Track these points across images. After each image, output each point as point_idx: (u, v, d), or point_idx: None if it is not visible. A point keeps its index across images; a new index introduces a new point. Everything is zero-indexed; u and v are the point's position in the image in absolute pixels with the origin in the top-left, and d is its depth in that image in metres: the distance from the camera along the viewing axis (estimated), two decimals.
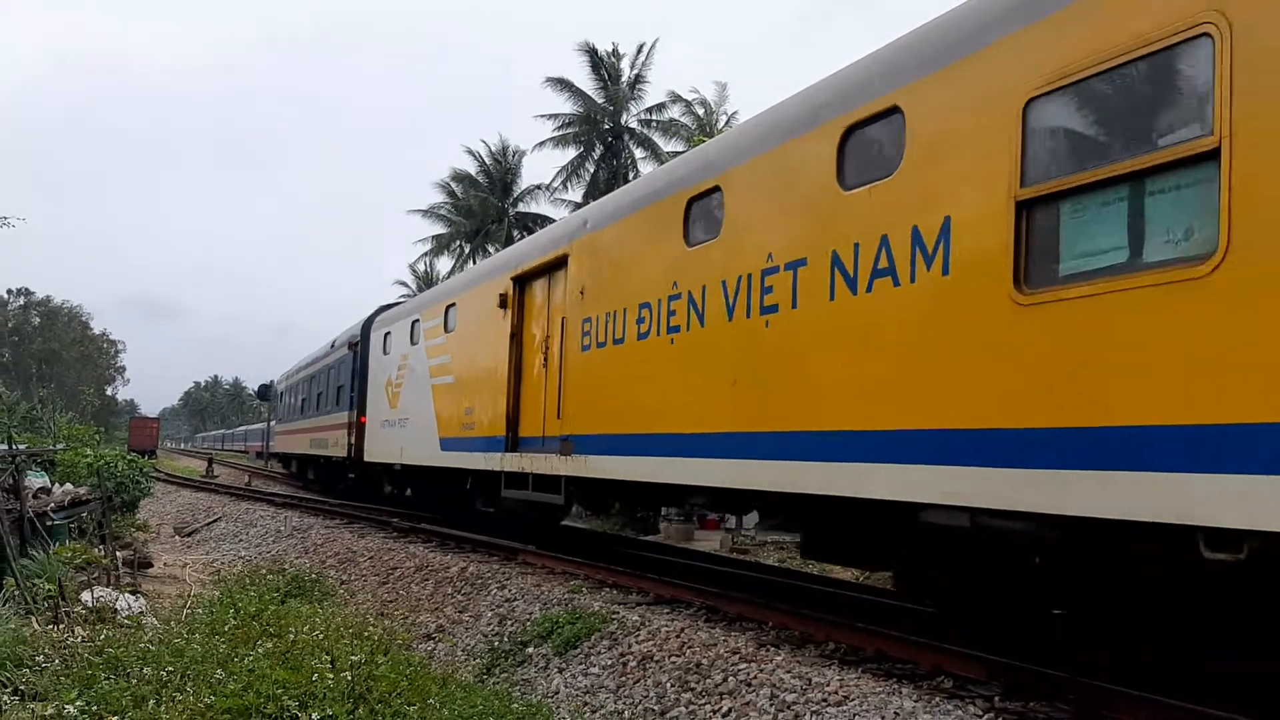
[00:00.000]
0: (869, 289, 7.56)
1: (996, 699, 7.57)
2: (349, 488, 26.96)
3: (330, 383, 27.89)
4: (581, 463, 11.89)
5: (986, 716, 7.00)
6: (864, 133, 7.95)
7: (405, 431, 19.37)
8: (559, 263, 13.16)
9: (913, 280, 7.14)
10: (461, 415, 16.20)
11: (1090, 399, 5.75)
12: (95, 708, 6.32)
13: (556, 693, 9.24)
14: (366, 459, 22.52)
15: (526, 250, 14.82)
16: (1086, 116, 6.20)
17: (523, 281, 14.35)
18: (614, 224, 11.96)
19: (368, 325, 24.01)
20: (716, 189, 9.77)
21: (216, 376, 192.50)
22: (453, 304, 17.27)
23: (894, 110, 7.55)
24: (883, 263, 7.44)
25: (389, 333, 21.37)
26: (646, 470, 10.56)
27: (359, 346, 24.25)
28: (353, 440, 24.20)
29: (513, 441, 14.19)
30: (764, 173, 9.08)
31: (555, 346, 13.05)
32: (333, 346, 28.44)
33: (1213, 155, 5.22)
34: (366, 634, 7.97)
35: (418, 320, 19.20)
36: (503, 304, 14.67)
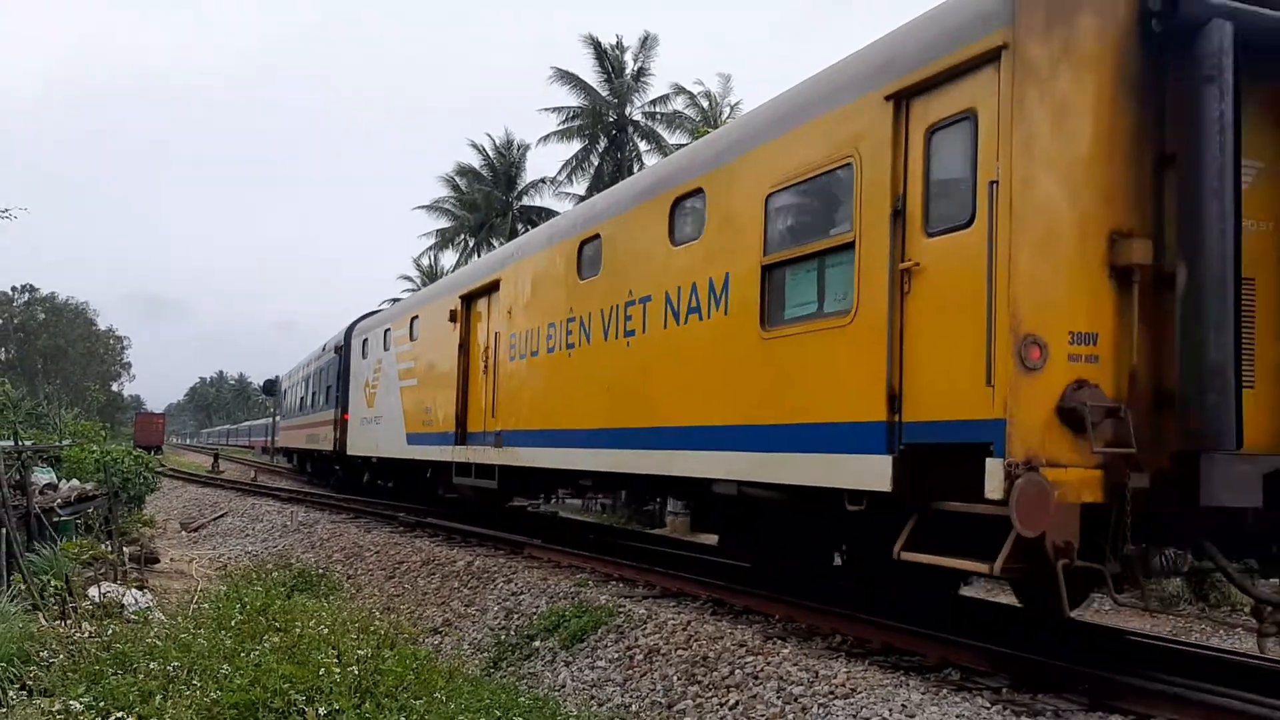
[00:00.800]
0: (685, 321, 10.06)
1: (1004, 690, 7.55)
2: (339, 479, 28.78)
3: (322, 383, 30.04)
4: (510, 454, 14.34)
5: (995, 708, 6.99)
6: (685, 204, 10.39)
7: (380, 428, 21.55)
8: (494, 286, 15.50)
9: (709, 317, 9.62)
10: (423, 413, 18.38)
11: (794, 405, 8.30)
12: (102, 703, 6.33)
13: (563, 686, 9.24)
14: (349, 452, 24.55)
15: (471, 273, 17.51)
16: (797, 210, 8.77)
17: (469, 300, 16.69)
18: (532, 257, 14.37)
19: (349, 331, 26.05)
20: (597, 235, 12.10)
21: (222, 372, 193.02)
22: (416, 316, 19.61)
23: (700, 190, 10.02)
24: (694, 303, 9.91)
25: (366, 339, 23.71)
26: (552, 459, 13.00)
27: (342, 350, 26.38)
28: (338, 435, 26.30)
29: (461, 436, 16.38)
30: (627, 226, 11.47)
31: (491, 356, 15.38)
32: (324, 350, 30.55)
33: (852, 245, 7.71)
34: (373, 628, 7.97)
35: (389, 329, 21.49)
36: (453, 318, 16.98)
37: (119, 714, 6.04)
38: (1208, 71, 6.44)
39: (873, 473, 7.39)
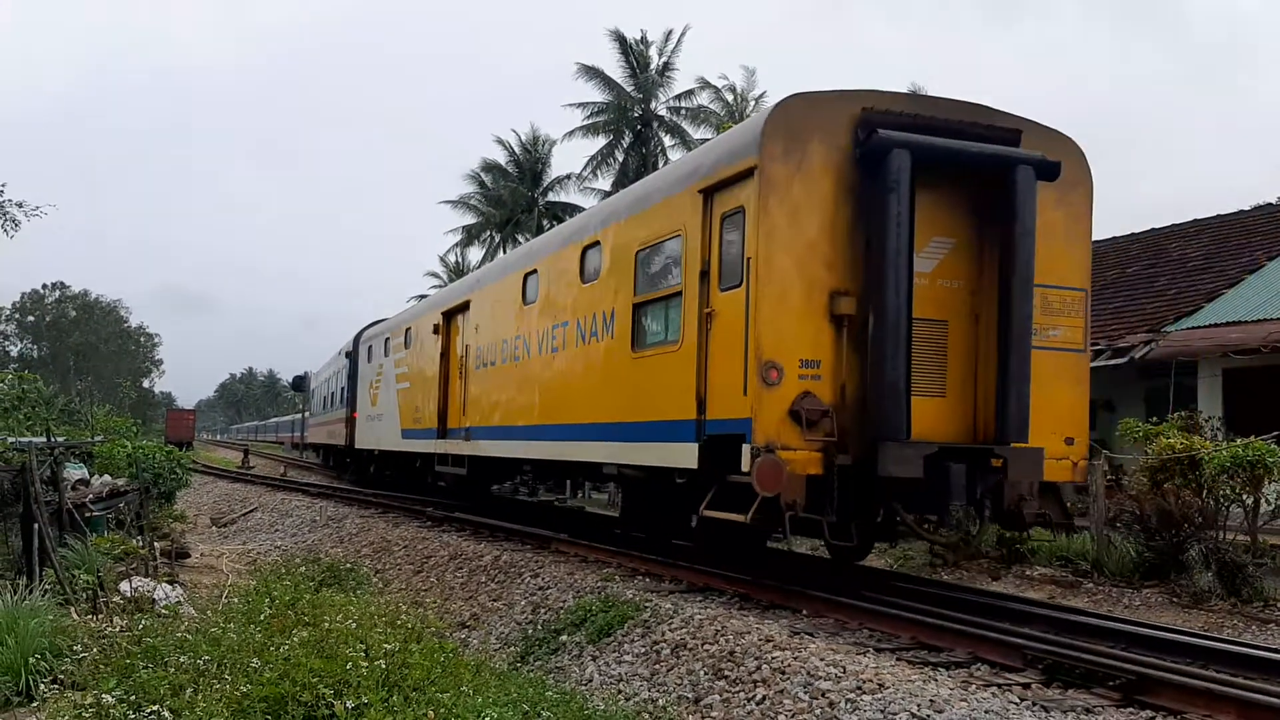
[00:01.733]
0: (589, 342, 12.85)
1: (1034, 686, 7.51)
2: (351, 469, 32.16)
3: (337, 384, 32.67)
4: (475, 446, 17.26)
5: (1024, 704, 6.94)
6: (589, 252, 13.21)
7: (381, 424, 24.52)
8: (466, 305, 18.48)
9: (603, 340, 12.43)
10: (414, 411, 21.22)
11: (648, 407, 11.11)
12: (133, 696, 6.37)
13: (590, 680, 9.25)
14: (357, 446, 27.89)
15: (451, 293, 20.80)
16: (653, 265, 11.47)
17: (448, 316, 19.50)
18: (492, 284, 17.25)
19: (357, 339, 28.83)
20: (535, 270, 15.09)
21: (251, 369, 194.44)
22: (409, 327, 22.48)
23: (598, 242, 12.87)
24: (594, 328, 12.71)
25: (370, 346, 26.64)
26: (503, 450, 16.04)
27: (351, 355, 29.21)
28: (348, 431, 29.12)
29: (442, 431, 19.24)
30: (556, 264, 14.38)
31: (463, 364, 18.23)
32: (339, 354, 33.28)
33: (680, 294, 10.54)
34: (400, 622, 7.99)
35: (389, 338, 24.42)
36: (436, 331, 19.86)
37: (152, 708, 6.08)
38: (890, 184, 9.14)
39: (687, 455, 10.21)
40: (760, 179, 9.32)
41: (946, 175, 9.74)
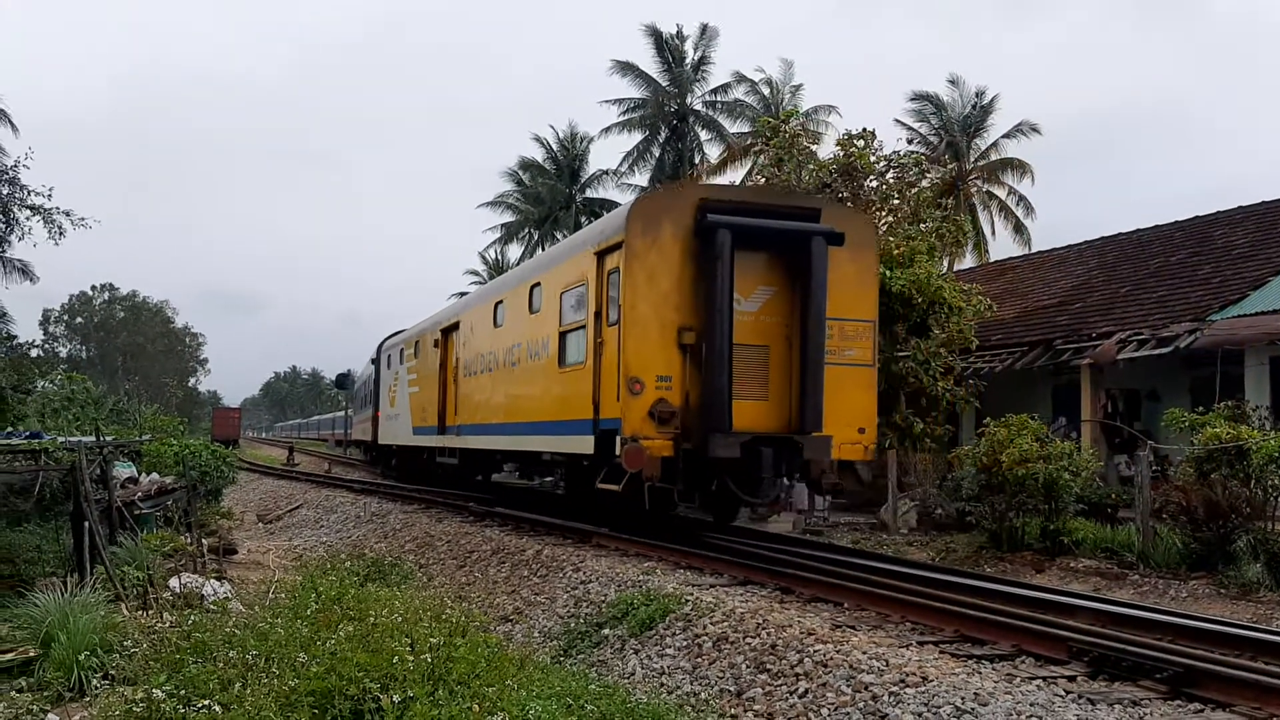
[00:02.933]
0: (534, 359, 16.24)
1: (1080, 679, 7.44)
2: (378, 463, 36.24)
3: (368, 387, 35.95)
4: (464, 440, 20.88)
5: (1070, 697, 6.89)
6: (534, 290, 16.48)
7: (396, 423, 27.89)
8: (457, 325, 22.00)
9: (542, 358, 15.82)
10: (422, 411, 24.50)
11: (568, 409, 14.37)
12: (183, 691, 6.47)
13: (632, 674, 9.28)
14: (380, 442, 31.76)
15: (448, 313, 23.86)
16: (570, 303, 14.64)
17: (446, 332, 22.83)
18: (475, 308, 21.00)
19: (380, 347, 32.25)
20: (502, 300, 18.54)
21: (295, 367, 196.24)
22: (418, 340, 25.84)
23: (539, 283, 16.28)
24: (536, 349, 16.19)
25: (390, 354, 29.93)
26: (483, 443, 19.66)
27: (376, 361, 32.70)
28: (374, 429, 32.74)
29: (441, 428, 22.56)
30: (513, 298, 17.83)
31: (456, 373, 21.63)
32: (369, 360, 36.58)
33: (584, 326, 13.70)
34: (445, 616, 8.05)
35: (403, 348, 27.74)
36: (437, 345, 23.25)
37: (202, 702, 6.18)
38: (717, 253, 12.49)
39: (588, 445, 13.68)
40: (627, 250, 12.89)
41: (765, 243, 13.08)
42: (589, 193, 54.72)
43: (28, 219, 16.33)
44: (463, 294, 50.09)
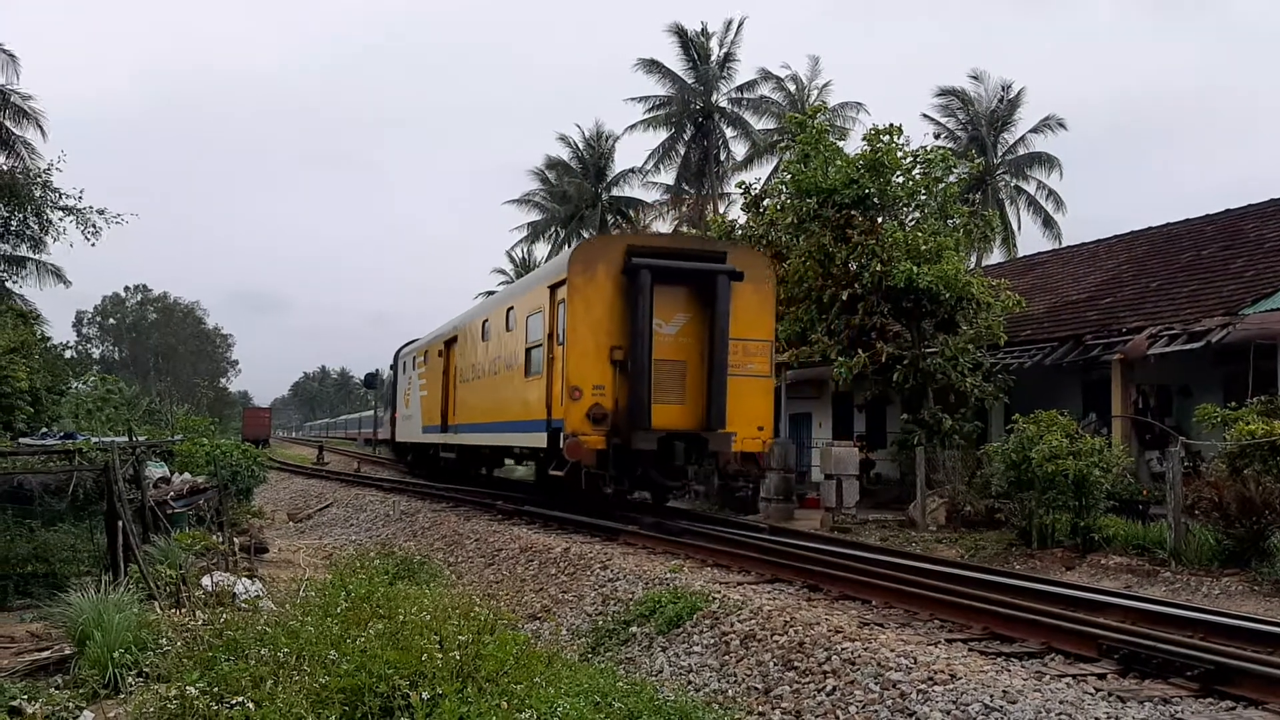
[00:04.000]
0: (509, 370, 19.16)
1: (1110, 676, 7.40)
2: (391, 457, 41.45)
3: (390, 389, 38.90)
4: (459, 436, 24.21)
5: (1100, 695, 6.85)
6: (510, 311, 19.48)
7: (410, 423, 31.05)
8: (455, 339, 25.12)
9: (515, 369, 18.71)
10: (429, 413, 27.56)
11: (531, 411, 17.40)
12: (216, 688, 6.54)
13: (660, 671, 9.30)
14: (397, 440, 35.19)
15: (448, 328, 26.45)
16: (533, 325, 17.67)
17: (448, 343, 25.71)
18: (468, 324, 23.89)
19: (397, 354, 35.43)
20: (487, 319, 21.77)
21: (324, 367, 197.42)
22: (426, 350, 28.86)
23: (513, 307, 19.26)
24: (510, 361, 19.18)
25: (404, 361, 33.17)
26: (473, 439, 22.95)
27: (394, 367, 35.97)
28: (392, 428, 36.08)
29: (444, 427, 25.48)
30: (495, 318, 20.94)
31: (455, 380, 24.67)
32: (389, 366, 39.98)
33: (543, 344, 16.90)
34: (473, 614, 8.08)
35: (414, 356, 30.92)
36: (440, 354, 26.17)
37: (235, 699, 6.24)
38: (639, 289, 15.41)
39: (542, 440, 16.83)
40: (569, 286, 15.94)
41: (681, 279, 16.09)
42: (615, 191, 54.76)
43: (60, 220, 16.57)
44: (490, 293, 53.51)
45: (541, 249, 57.63)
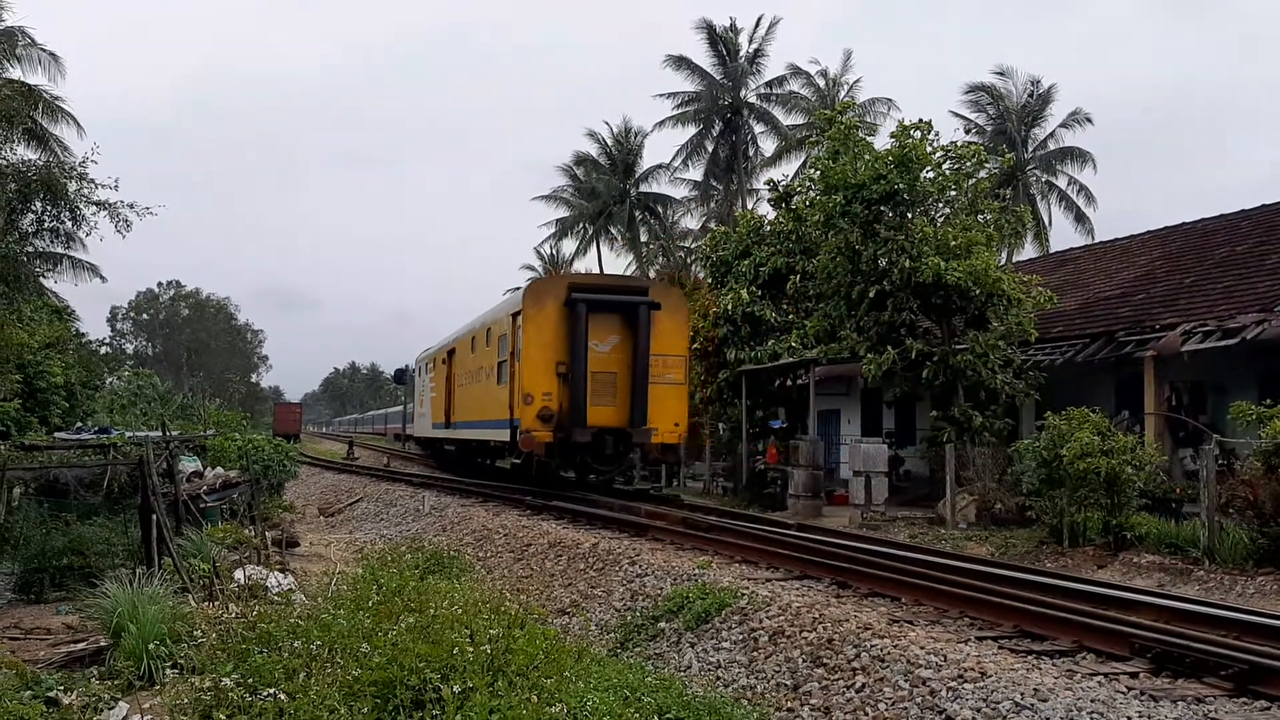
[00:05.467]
0: (488, 378, 23.44)
1: (1143, 675, 7.35)
2: (408, 449, 47.86)
3: (412, 387, 43.19)
4: (456, 432, 28.33)
5: (1132, 694, 6.81)
6: (489, 331, 23.68)
7: (425, 420, 35.27)
8: (454, 350, 29.11)
9: (491, 377, 23.14)
10: (437, 411, 31.47)
11: (501, 411, 21.75)
12: (250, 680, 6.61)
13: (689, 667, 9.31)
14: (415, 435, 40.70)
15: (450, 340, 30.32)
16: (503, 344, 21.99)
17: (449, 353, 29.72)
18: (464, 338, 27.45)
19: (417, 359, 39.76)
20: (474, 336, 25.37)
21: (354, 363, 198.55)
22: (435, 357, 32.71)
23: (489, 328, 23.69)
24: (489, 371, 23.47)
25: (420, 365, 37.61)
26: (464, 434, 26.88)
27: (414, 370, 40.58)
28: (413, 423, 41.10)
29: (447, 424, 29.62)
30: (480, 335, 24.70)
31: (454, 384, 28.82)
32: (410, 369, 45.09)
33: (509, 359, 21.28)
34: (503, 609, 8.13)
35: (427, 363, 35.17)
36: (444, 362, 30.35)
37: (270, 690, 6.31)
38: (577, 317, 19.53)
39: (506, 435, 20.92)
40: (524, 315, 20.08)
41: (612, 309, 20.11)
42: (643, 187, 54.75)
43: (94, 214, 16.78)
44: (516, 288, 53.69)
45: (569, 245, 57.81)
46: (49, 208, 16.87)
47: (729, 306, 26.90)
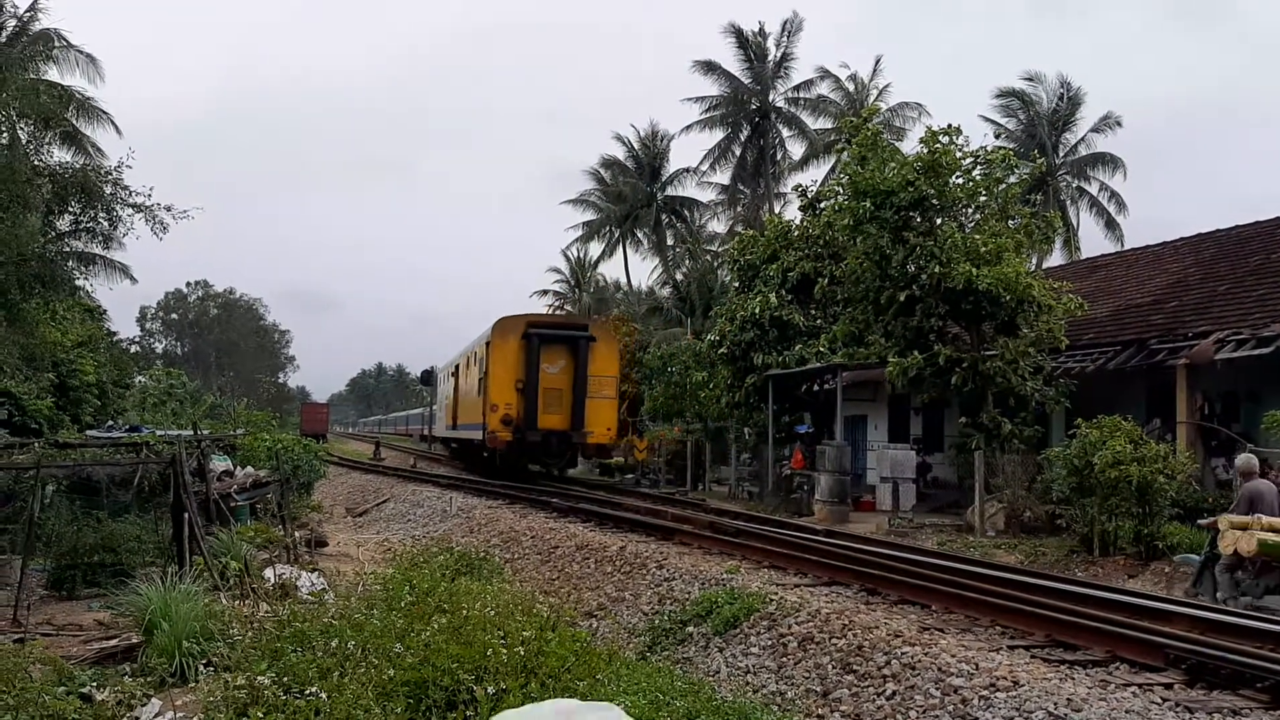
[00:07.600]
0: (478, 391, 29.38)
1: (1177, 687, 7.29)
2: (428, 447, 54.31)
3: (434, 392, 49.37)
4: (459, 432, 34.47)
5: (1166, 705, 6.76)
6: (475, 355, 31.09)
7: (440, 423, 41.77)
8: (458, 367, 34.87)
9: (479, 392, 29.06)
10: (448, 415, 37.49)
11: (478, 417, 28.79)
12: (285, 679, 6.65)
13: (717, 672, 9.31)
14: (435, 435, 47.28)
15: (457, 357, 35.86)
16: (484, 364, 28.32)
17: (456, 369, 35.41)
18: (463, 357, 33.81)
19: (434, 369, 46.43)
20: (469, 356, 32.62)
21: (380, 364, 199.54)
22: (446, 369, 39.27)
23: (476, 351, 30.95)
24: (475, 386, 30.24)
25: (440, 374, 43.37)
26: (463, 434, 33.57)
27: (434, 378, 46.49)
28: (429, 424, 50.18)
29: (453, 426, 35.71)
30: (472, 356, 31.72)
31: (458, 393, 34.41)
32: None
33: (485, 377, 28.02)
34: (535, 611, 8.15)
35: (443, 374, 41.12)
36: (452, 375, 36.51)
37: (308, 689, 6.35)
38: (532, 348, 27.02)
39: (481, 435, 27.97)
40: (491, 344, 27.17)
41: (559, 341, 27.20)
42: (670, 191, 54.78)
43: (130, 216, 17.01)
44: (545, 291, 65.51)
45: (596, 248, 57.92)
46: (86, 209, 17.07)
47: (756, 310, 26.86)
